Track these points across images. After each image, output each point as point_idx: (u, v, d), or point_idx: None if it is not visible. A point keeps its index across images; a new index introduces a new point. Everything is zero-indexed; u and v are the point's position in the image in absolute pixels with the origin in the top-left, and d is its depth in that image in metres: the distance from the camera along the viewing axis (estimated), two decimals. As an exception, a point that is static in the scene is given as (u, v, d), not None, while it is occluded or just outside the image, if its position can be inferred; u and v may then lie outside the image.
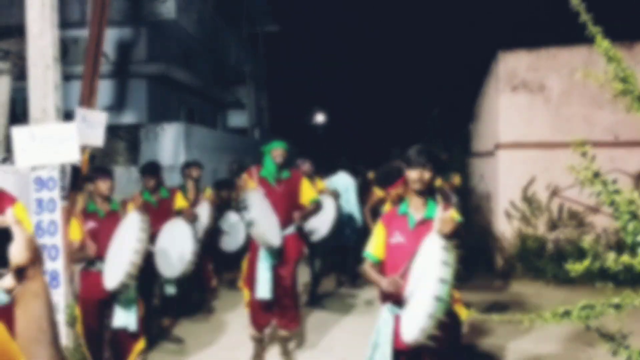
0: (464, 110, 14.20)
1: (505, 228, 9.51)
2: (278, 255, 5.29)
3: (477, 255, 9.37)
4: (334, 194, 7.20)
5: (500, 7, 20.36)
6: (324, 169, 9.38)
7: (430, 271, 2.94)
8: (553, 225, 9.19)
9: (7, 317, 1.15)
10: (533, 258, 8.82)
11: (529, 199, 9.34)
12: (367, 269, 3.46)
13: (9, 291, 1.15)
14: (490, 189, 10.65)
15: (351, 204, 8.28)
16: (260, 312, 5.41)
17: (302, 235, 5.76)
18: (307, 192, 5.50)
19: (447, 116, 15.17)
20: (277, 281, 5.31)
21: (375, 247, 3.47)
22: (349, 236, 8.32)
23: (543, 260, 8.58)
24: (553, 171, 9.04)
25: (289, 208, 5.35)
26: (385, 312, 3.38)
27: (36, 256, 1.17)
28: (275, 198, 5.28)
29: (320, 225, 6.77)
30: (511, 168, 9.58)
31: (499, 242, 9.48)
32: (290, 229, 5.37)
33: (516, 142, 9.54)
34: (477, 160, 12.53)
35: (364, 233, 9.51)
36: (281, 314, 5.46)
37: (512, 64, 9.63)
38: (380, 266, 3.46)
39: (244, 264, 5.60)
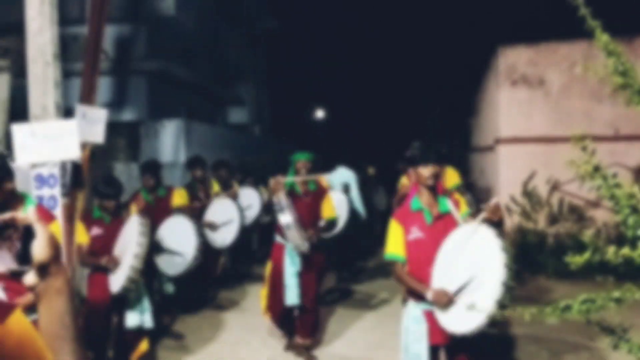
0: (463, 105, 14.20)
1: (506, 223, 9.52)
2: (303, 263, 5.35)
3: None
4: (343, 188, 7.25)
5: (499, 2, 20.33)
6: (325, 165, 9.37)
7: (482, 260, 2.98)
8: (553, 220, 9.20)
9: None
10: (533, 252, 8.83)
11: (529, 194, 9.35)
12: (403, 274, 3.43)
13: (32, 288, 1.17)
14: (490, 183, 10.66)
15: (353, 197, 8.29)
16: (285, 319, 5.50)
17: (322, 245, 5.85)
18: (328, 208, 5.64)
19: (447, 111, 15.20)
20: (303, 292, 5.38)
21: (397, 246, 3.45)
22: (349, 227, 8.33)
23: (543, 255, 8.59)
24: (553, 166, 9.04)
25: (313, 219, 5.47)
26: (413, 309, 3.38)
27: (57, 253, 1.19)
28: (301, 208, 5.39)
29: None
30: (511, 163, 9.59)
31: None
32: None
33: (516, 136, 9.54)
34: (476, 155, 12.54)
35: (368, 227, 9.54)
36: (302, 323, 5.54)
37: (512, 59, 9.63)
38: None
39: (267, 271, 5.62)
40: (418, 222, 3.41)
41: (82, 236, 4.74)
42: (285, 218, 4.94)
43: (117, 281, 4.52)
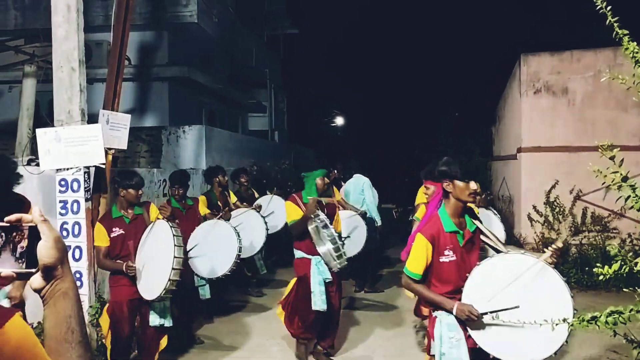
0: (485, 114, 14.08)
1: (528, 232, 9.41)
2: (327, 273, 5.37)
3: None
4: (362, 214, 7.28)
5: (522, 10, 20.18)
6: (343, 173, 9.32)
7: (542, 297, 3.08)
8: (576, 230, 9.07)
9: None
10: (556, 263, 8.70)
11: (551, 204, 9.23)
12: (421, 289, 3.42)
13: (38, 291, 1.14)
14: (512, 193, 10.55)
15: (368, 202, 8.22)
16: (310, 327, 5.48)
17: None
18: (338, 224, 5.67)
19: (469, 119, 15.08)
20: (327, 301, 5.38)
21: (420, 266, 3.40)
22: (369, 239, 8.27)
23: (566, 266, 8.47)
24: (576, 175, 8.92)
25: None
26: (446, 317, 3.35)
27: (64, 255, 1.16)
28: None
29: (354, 243, 6.88)
30: (534, 172, 9.48)
31: (521, 247, 9.38)
32: None
33: (539, 145, 9.44)
34: (499, 164, 12.42)
35: (386, 233, 9.44)
36: (325, 332, 5.57)
37: (535, 67, 9.54)
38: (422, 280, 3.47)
39: (290, 285, 5.61)
40: (451, 244, 3.37)
41: (102, 239, 4.75)
42: (329, 231, 5.00)
43: (152, 290, 4.52)
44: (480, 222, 3.50)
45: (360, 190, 8.22)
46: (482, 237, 3.47)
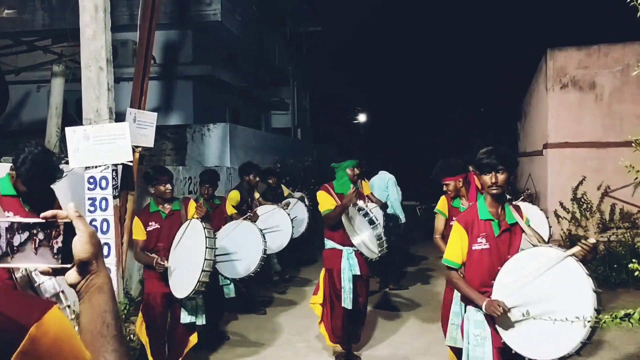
0: (511, 109, 13.94)
1: (554, 229, 9.27)
2: (357, 269, 5.37)
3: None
4: (382, 205, 7.27)
5: (548, 4, 19.91)
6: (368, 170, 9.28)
7: (566, 290, 3.01)
8: (604, 227, 8.93)
9: None
10: (583, 260, 8.58)
11: (578, 200, 9.10)
12: (459, 281, 3.39)
13: (73, 286, 1.15)
14: (538, 189, 10.43)
15: (392, 199, 8.22)
16: (344, 324, 5.46)
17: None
18: None
19: (495, 114, 14.94)
20: (355, 298, 5.40)
21: (457, 253, 3.40)
22: (391, 235, 8.26)
23: (594, 263, 8.34)
24: (604, 171, 8.78)
25: None
26: (475, 313, 3.34)
27: (99, 250, 1.17)
28: None
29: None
30: (560, 168, 9.36)
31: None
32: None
33: (566, 141, 9.31)
34: (525, 160, 12.28)
35: (408, 230, 9.41)
36: (353, 331, 5.57)
37: (562, 62, 9.41)
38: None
39: (321, 279, 5.61)
40: (485, 232, 3.33)
41: (139, 233, 4.82)
42: (359, 238, 5.06)
43: (182, 289, 4.56)
44: (522, 218, 3.42)
45: (384, 187, 8.22)
46: (523, 235, 3.39)
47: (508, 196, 3.69)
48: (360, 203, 5.13)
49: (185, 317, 4.84)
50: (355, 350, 5.67)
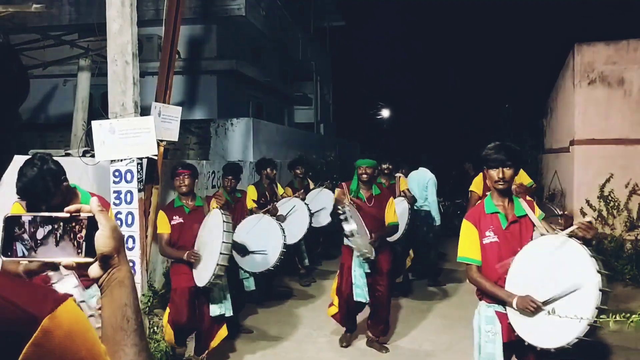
0: (537, 105, 13.74)
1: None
2: (372, 266, 5.40)
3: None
4: (412, 199, 7.27)
5: (576, -1, 19.60)
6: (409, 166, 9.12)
7: (573, 273, 2.93)
8: (632, 225, 8.77)
9: None
10: (610, 259, 8.44)
11: (605, 198, 8.95)
12: (480, 278, 3.33)
13: (96, 280, 1.16)
14: (564, 186, 10.28)
15: (430, 201, 8.16)
16: (350, 317, 5.61)
17: (390, 247, 5.89)
18: (390, 213, 5.62)
19: (520, 110, 14.74)
20: (373, 292, 5.47)
21: (472, 249, 3.37)
22: (425, 234, 8.21)
23: (621, 262, 8.20)
24: (632, 168, 8.63)
25: (377, 224, 5.47)
26: (486, 309, 3.32)
27: (121, 245, 1.18)
28: (366, 213, 5.42)
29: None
30: (587, 165, 9.21)
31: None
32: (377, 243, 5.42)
33: (593, 138, 9.16)
34: (550, 157, 12.10)
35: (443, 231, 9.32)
36: (375, 324, 5.67)
37: (589, 57, 9.24)
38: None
39: (338, 276, 5.73)
40: (493, 225, 3.33)
41: (164, 227, 4.90)
42: (349, 226, 4.97)
43: (203, 277, 4.64)
44: (533, 212, 3.38)
45: (424, 187, 8.16)
46: (535, 228, 3.36)
47: (529, 198, 3.66)
48: (346, 207, 5.10)
49: (215, 310, 4.90)
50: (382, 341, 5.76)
